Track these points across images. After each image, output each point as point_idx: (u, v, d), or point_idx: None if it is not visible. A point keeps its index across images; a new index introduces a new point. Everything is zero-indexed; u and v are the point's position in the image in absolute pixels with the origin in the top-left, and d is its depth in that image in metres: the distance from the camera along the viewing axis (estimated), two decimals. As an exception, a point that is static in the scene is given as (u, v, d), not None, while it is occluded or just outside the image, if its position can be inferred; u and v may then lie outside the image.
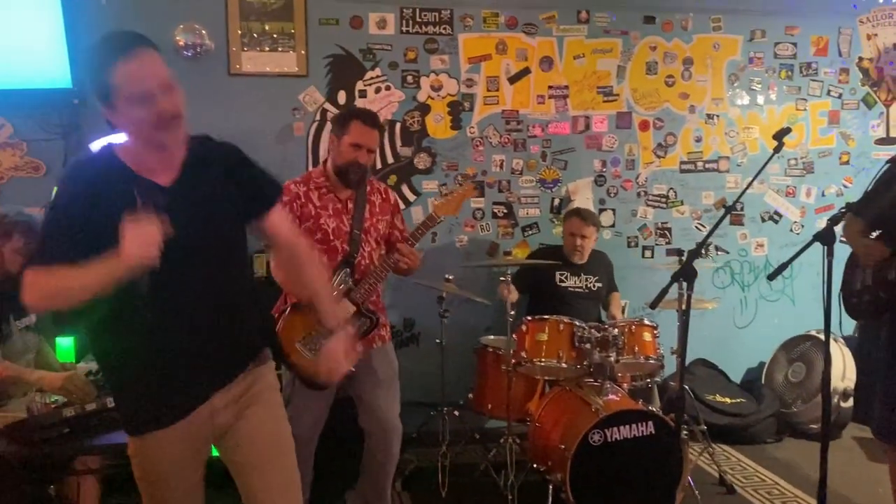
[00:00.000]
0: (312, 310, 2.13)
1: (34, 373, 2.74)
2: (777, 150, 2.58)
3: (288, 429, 2.02)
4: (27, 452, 2.27)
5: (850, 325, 4.60)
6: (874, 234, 2.75)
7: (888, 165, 2.75)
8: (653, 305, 2.52)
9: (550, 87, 4.51)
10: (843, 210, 2.54)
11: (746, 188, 2.61)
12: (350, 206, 2.99)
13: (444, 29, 4.36)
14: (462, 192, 3.26)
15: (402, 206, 3.89)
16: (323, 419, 3.04)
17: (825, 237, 2.40)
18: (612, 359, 3.40)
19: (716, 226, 2.66)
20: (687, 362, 3.70)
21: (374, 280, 2.97)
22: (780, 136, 2.58)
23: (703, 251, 4.75)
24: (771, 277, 2.41)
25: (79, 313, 1.76)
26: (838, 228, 2.54)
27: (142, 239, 1.59)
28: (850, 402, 4.41)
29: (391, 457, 3.09)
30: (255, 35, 4.14)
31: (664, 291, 2.48)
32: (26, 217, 2.93)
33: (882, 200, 2.70)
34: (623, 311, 4.26)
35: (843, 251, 2.79)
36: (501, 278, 3.53)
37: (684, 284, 2.76)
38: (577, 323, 3.48)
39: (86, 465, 2.72)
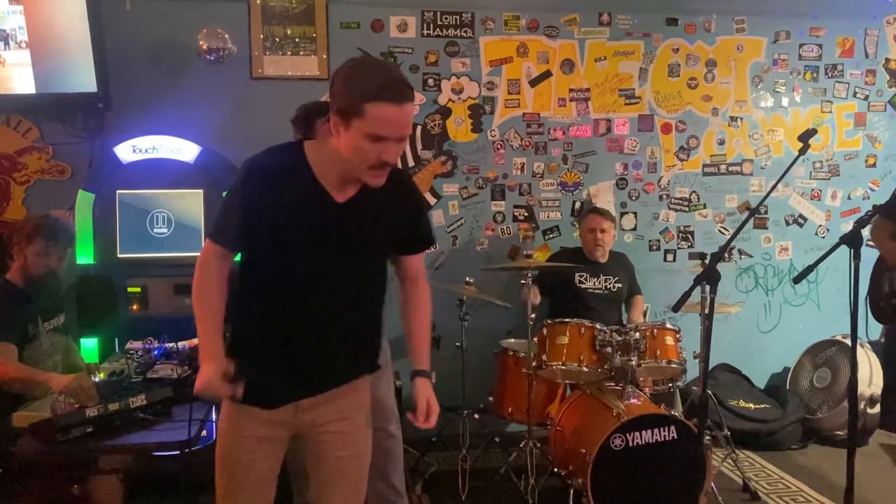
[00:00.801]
0: None
1: (43, 373, 2.75)
2: (802, 151, 2.55)
3: (367, 453, 2.09)
4: (51, 451, 2.29)
5: (876, 331, 4.54)
6: None
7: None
8: (675, 309, 2.49)
9: (572, 90, 4.50)
10: (870, 213, 2.49)
11: (770, 191, 2.57)
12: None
13: (465, 32, 4.36)
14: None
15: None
16: None
17: (852, 240, 2.36)
18: (634, 363, 3.37)
19: (739, 229, 2.63)
20: (710, 367, 3.67)
21: None
22: (805, 137, 2.55)
23: (726, 255, 4.71)
24: (796, 281, 2.37)
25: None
26: (865, 231, 2.49)
27: (209, 388, 1.84)
28: (877, 409, 4.34)
29: (393, 439, 3.04)
30: (277, 39, 4.16)
31: (686, 295, 2.45)
32: (51, 221, 2.96)
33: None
34: (644, 315, 4.22)
35: (870, 255, 2.76)
36: (522, 281, 3.51)
37: (707, 288, 2.72)
38: (599, 326, 3.45)
39: (109, 464, 2.74)
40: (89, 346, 3.54)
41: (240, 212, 1.86)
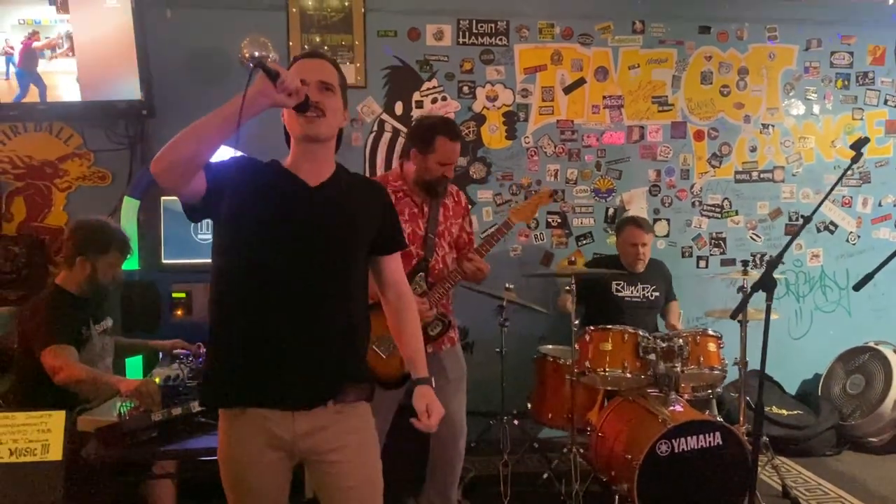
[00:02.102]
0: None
1: (110, 376, 2.81)
2: (855, 160, 2.57)
3: (377, 479, 2.00)
4: (119, 455, 2.32)
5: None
6: None
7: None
8: (733, 316, 2.51)
9: (605, 97, 4.53)
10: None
11: (825, 198, 2.59)
12: (426, 209, 3.02)
13: (500, 40, 4.39)
14: (538, 198, 3.29)
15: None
16: (388, 422, 3.05)
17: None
18: (678, 369, 3.39)
19: (795, 235, 2.65)
20: (748, 371, 3.69)
21: (448, 284, 3.00)
22: (858, 146, 2.56)
23: (756, 261, 4.73)
24: (857, 288, 2.38)
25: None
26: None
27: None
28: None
29: (458, 455, 3.11)
30: (315, 47, 4.20)
31: (744, 301, 2.47)
32: (122, 233, 3.01)
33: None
34: (679, 320, 4.24)
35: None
36: (566, 288, 3.52)
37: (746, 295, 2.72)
38: (642, 333, 3.47)
39: (163, 469, 2.77)
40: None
41: (223, 166, 1.86)
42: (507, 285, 3.81)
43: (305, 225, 1.87)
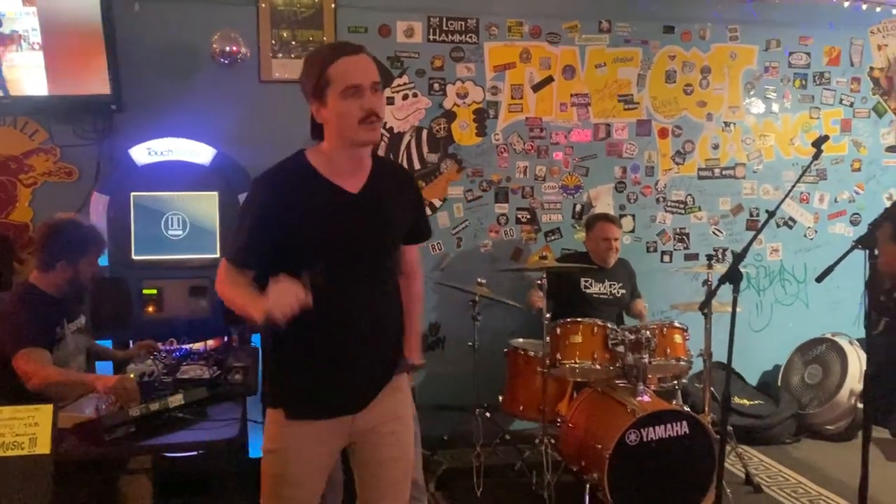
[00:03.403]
0: None
1: (87, 375, 2.80)
2: (816, 157, 2.67)
3: (413, 452, 2.11)
4: (97, 451, 2.31)
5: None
6: None
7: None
8: (702, 308, 2.60)
9: (573, 95, 4.60)
10: (883, 217, 2.63)
11: (788, 194, 2.70)
12: None
13: (470, 37, 4.44)
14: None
15: (428, 211, 3.95)
16: None
17: (866, 242, 2.48)
18: (645, 360, 3.47)
19: (760, 230, 2.74)
20: (710, 364, 3.80)
21: None
22: (819, 143, 2.67)
23: (719, 255, 4.86)
24: (819, 280, 2.48)
25: None
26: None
27: (284, 298, 1.68)
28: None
29: (416, 437, 3.13)
30: (285, 43, 4.20)
31: (712, 294, 2.57)
32: (98, 233, 3.00)
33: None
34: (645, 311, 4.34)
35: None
36: (538, 282, 3.59)
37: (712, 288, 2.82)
38: (611, 325, 3.55)
39: (141, 464, 2.76)
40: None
41: (257, 226, 1.86)
42: (478, 280, 3.86)
43: (353, 235, 1.90)
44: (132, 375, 2.77)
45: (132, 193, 3.60)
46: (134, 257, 3.61)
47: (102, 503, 2.69)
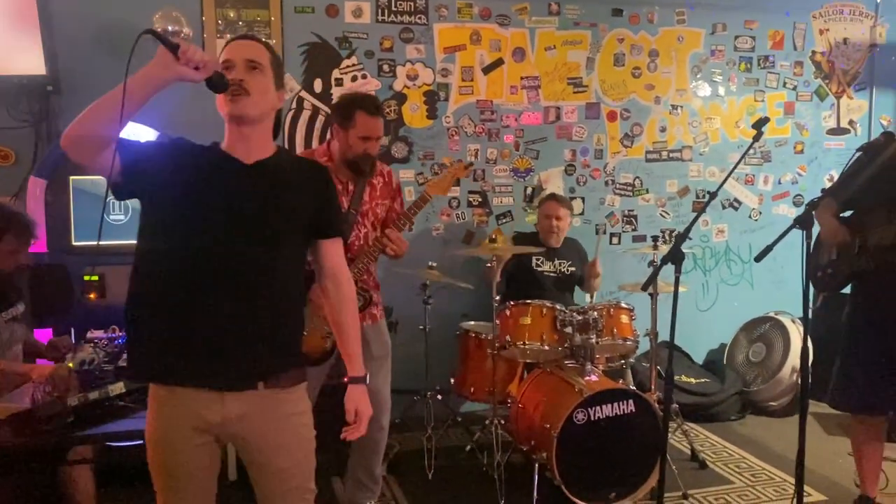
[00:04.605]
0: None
1: (22, 365, 2.72)
2: (757, 138, 2.70)
3: (310, 458, 2.02)
4: (33, 443, 2.25)
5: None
6: (847, 213, 2.99)
7: (858, 154, 2.95)
8: (644, 287, 2.63)
9: (523, 78, 4.61)
10: (820, 197, 2.69)
11: (729, 175, 2.71)
12: (351, 187, 3.02)
13: (420, 18, 4.40)
14: (453, 171, 3.32)
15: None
16: (314, 401, 3.04)
17: (804, 222, 2.53)
18: (593, 340, 3.52)
19: (701, 211, 2.76)
20: (659, 342, 3.87)
21: (366, 260, 3.01)
22: (759, 125, 2.70)
23: (665, 237, 4.94)
24: (758, 259, 2.53)
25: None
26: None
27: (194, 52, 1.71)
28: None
29: (382, 432, 3.15)
30: (230, 23, 4.11)
31: (655, 274, 2.59)
32: (20, 216, 2.88)
33: (852, 185, 2.90)
34: (592, 296, 4.39)
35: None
36: (489, 264, 3.60)
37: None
38: (559, 307, 3.59)
39: (82, 454, 2.70)
40: (44, 336, 3.45)
41: (154, 145, 1.89)
42: (430, 263, 3.85)
43: (234, 201, 1.84)
44: (70, 364, 2.70)
45: (71, 178, 3.51)
46: (74, 243, 3.53)
47: (44, 495, 2.64)
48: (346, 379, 2.10)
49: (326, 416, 3.21)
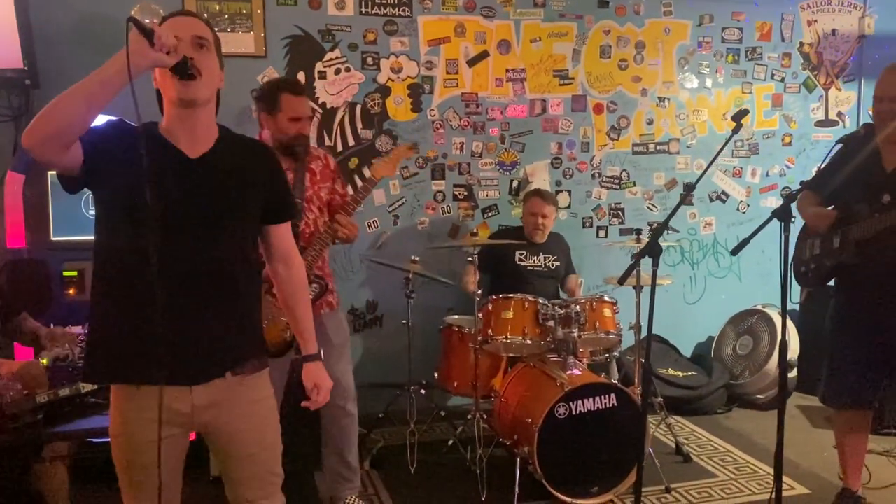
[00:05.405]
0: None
1: None
2: (736, 130, 2.70)
3: (276, 442, 2.03)
4: (2, 439, 2.23)
5: (794, 299, 4.84)
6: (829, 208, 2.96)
7: (840, 145, 2.93)
8: (620, 281, 2.61)
9: (508, 71, 4.58)
10: (798, 189, 2.67)
11: (707, 167, 2.71)
12: (291, 175, 3.00)
13: (404, 11, 4.37)
14: (398, 152, 3.30)
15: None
16: (281, 393, 3.00)
17: (782, 214, 2.52)
18: (575, 334, 3.50)
19: (680, 203, 2.75)
20: (642, 337, 3.85)
21: (319, 247, 3.00)
22: (738, 117, 2.70)
23: (651, 230, 4.92)
24: (734, 252, 2.52)
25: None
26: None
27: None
28: (794, 373, 4.63)
29: (350, 418, 3.14)
30: (213, 15, 4.07)
31: (632, 268, 2.57)
32: None
33: (835, 176, 2.88)
34: (580, 289, 4.37)
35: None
36: (468, 259, 3.58)
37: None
38: (542, 301, 3.57)
39: (55, 452, 2.68)
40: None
41: (100, 134, 1.77)
42: (412, 258, 3.83)
43: (184, 202, 1.80)
44: (44, 361, 2.68)
45: (50, 172, 3.47)
46: (53, 238, 3.49)
47: (16, 492, 2.62)
48: (300, 356, 2.11)
49: (295, 416, 3.19)
